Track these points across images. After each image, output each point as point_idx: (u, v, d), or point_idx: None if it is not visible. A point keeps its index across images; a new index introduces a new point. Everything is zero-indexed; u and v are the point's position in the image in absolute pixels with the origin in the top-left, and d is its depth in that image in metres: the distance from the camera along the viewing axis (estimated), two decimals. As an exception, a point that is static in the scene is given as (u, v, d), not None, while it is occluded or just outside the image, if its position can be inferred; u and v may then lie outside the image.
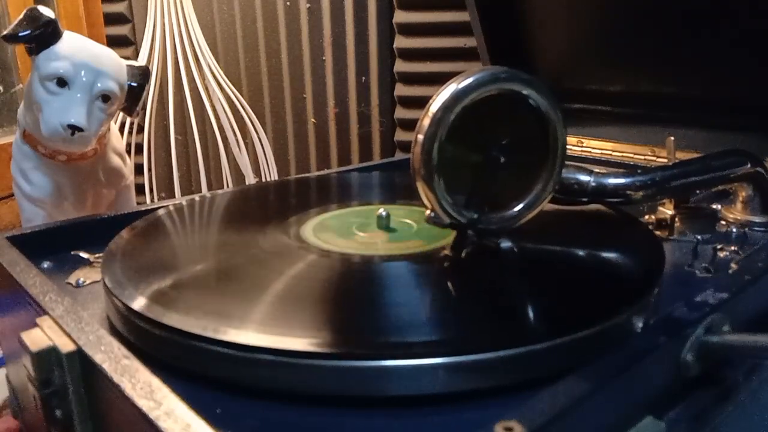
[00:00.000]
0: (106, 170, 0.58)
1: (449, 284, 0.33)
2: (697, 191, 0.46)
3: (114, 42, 1.05)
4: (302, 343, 0.26)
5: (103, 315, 0.34)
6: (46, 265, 0.41)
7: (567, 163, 0.38)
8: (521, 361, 0.26)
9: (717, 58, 0.58)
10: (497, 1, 0.68)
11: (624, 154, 0.65)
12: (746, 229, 0.45)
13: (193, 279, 0.34)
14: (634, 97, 0.66)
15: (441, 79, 0.35)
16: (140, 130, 0.97)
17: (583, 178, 0.42)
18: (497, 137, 0.36)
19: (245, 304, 0.30)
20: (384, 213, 0.41)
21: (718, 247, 0.42)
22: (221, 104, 0.95)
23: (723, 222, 0.47)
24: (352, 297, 0.32)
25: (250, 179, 1.00)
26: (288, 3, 1.00)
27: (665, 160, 0.52)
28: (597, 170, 0.42)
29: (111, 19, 1.05)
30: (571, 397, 0.22)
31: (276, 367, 0.25)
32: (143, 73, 0.56)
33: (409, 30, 0.93)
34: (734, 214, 0.47)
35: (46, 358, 0.26)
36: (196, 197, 0.50)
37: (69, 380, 0.26)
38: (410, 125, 0.98)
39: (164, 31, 0.91)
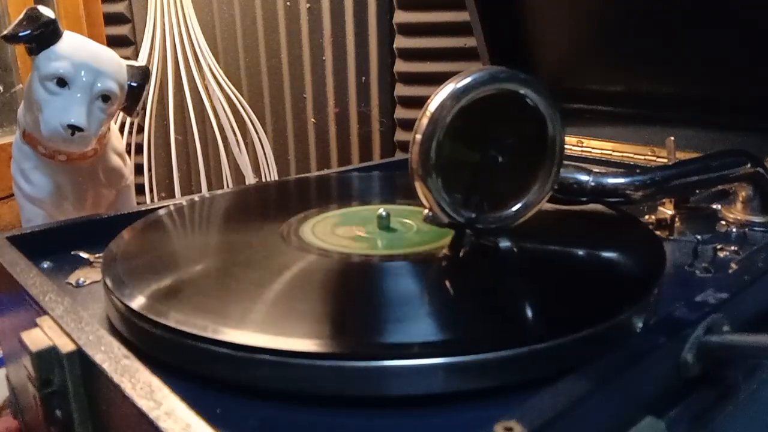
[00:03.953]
0: (106, 170, 0.58)
1: (448, 284, 0.33)
2: (697, 191, 0.46)
3: (114, 42, 1.05)
4: (302, 343, 0.26)
5: (103, 315, 0.34)
6: (46, 265, 0.41)
7: (566, 162, 0.38)
8: (521, 361, 0.26)
9: (717, 58, 0.58)
10: (497, 1, 0.68)
11: (624, 154, 0.65)
12: (746, 229, 0.45)
13: (193, 279, 0.34)
14: (634, 97, 0.66)
15: (441, 79, 0.35)
16: (140, 130, 0.97)
17: (582, 177, 0.42)
18: (495, 137, 0.36)
19: (245, 304, 0.30)
20: (384, 213, 0.41)
21: (718, 247, 0.42)
22: (221, 104, 0.95)
23: (723, 222, 0.47)
24: (351, 297, 0.32)
25: (250, 179, 1.00)
26: (288, 3, 0.99)
27: (665, 160, 0.52)
28: (596, 170, 0.42)
29: (111, 19, 1.05)
30: (571, 397, 0.22)
31: (276, 367, 0.25)
32: (143, 73, 0.56)
33: (409, 30, 0.93)
34: (734, 214, 0.47)
35: (46, 358, 0.26)
36: (196, 197, 0.50)
37: (69, 380, 0.26)
38: (410, 125, 0.98)
39: (164, 31, 0.91)
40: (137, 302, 0.30)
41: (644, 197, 0.42)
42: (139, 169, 0.93)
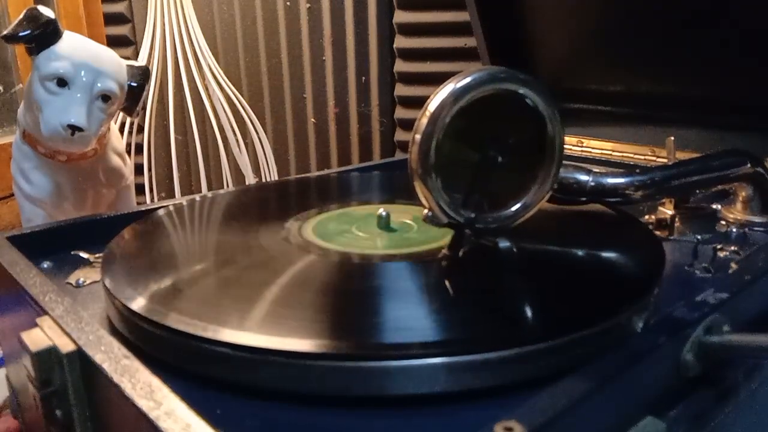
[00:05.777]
0: (106, 170, 0.58)
1: (448, 284, 0.33)
2: (697, 191, 0.46)
3: (114, 42, 1.05)
4: (302, 343, 0.26)
5: (103, 315, 0.34)
6: (46, 265, 0.41)
7: (566, 162, 0.38)
8: (521, 361, 0.26)
9: (717, 58, 0.58)
10: (497, 1, 0.68)
11: (624, 154, 0.65)
12: (746, 229, 0.45)
13: (193, 279, 0.34)
14: (634, 97, 0.66)
15: (441, 79, 0.35)
16: (140, 130, 0.97)
17: (582, 177, 0.42)
18: (495, 136, 0.36)
19: (245, 304, 0.30)
20: (384, 213, 0.41)
21: (718, 247, 0.42)
22: (221, 104, 0.95)
23: (723, 222, 0.47)
24: (351, 297, 0.32)
25: (250, 179, 1.00)
26: (288, 3, 0.99)
27: (665, 160, 0.52)
28: (596, 170, 0.42)
29: (111, 19, 1.05)
30: (571, 397, 0.22)
31: (276, 367, 0.25)
32: (143, 73, 0.56)
33: (409, 30, 0.93)
34: (734, 214, 0.47)
35: (46, 358, 0.26)
36: (196, 197, 0.50)
37: (69, 380, 0.26)
38: (410, 125, 0.97)
39: (164, 31, 0.91)
40: (137, 302, 0.30)
41: (644, 197, 0.42)
42: (139, 169, 0.93)
